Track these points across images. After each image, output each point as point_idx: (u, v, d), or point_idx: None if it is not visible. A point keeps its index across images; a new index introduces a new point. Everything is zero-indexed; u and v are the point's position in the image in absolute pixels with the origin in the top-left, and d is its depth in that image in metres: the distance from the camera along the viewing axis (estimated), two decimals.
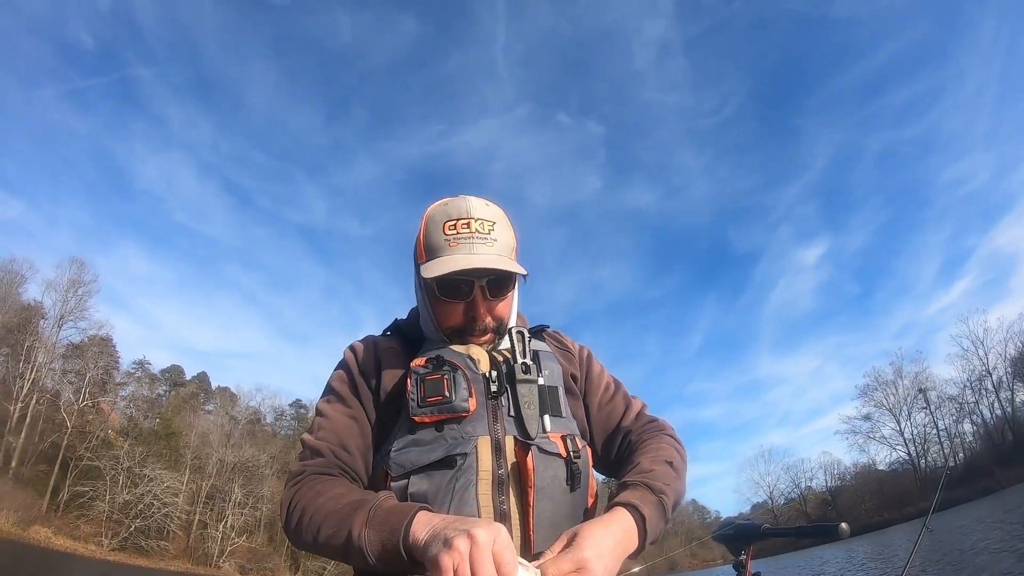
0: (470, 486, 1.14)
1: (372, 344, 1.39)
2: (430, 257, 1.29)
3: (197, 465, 48.73)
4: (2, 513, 33.45)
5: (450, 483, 1.14)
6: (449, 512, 1.10)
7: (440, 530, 0.90)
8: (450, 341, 1.33)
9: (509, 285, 1.34)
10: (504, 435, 1.20)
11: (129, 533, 40.74)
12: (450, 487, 1.14)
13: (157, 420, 51.92)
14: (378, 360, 1.34)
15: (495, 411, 1.22)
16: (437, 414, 1.18)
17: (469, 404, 1.19)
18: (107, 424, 47.16)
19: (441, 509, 1.10)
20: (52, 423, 42.77)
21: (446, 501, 1.13)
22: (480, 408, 1.21)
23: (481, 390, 1.23)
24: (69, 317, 46.85)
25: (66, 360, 46.98)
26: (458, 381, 1.20)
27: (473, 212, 1.32)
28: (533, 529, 1.16)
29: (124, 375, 53.71)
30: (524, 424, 1.22)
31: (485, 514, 1.13)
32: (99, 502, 40.50)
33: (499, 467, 1.18)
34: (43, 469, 40.73)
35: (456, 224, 1.29)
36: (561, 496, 1.22)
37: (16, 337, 42.55)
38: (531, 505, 1.16)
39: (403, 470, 1.17)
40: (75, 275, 47.12)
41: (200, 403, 60.77)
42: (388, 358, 1.34)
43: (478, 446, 1.18)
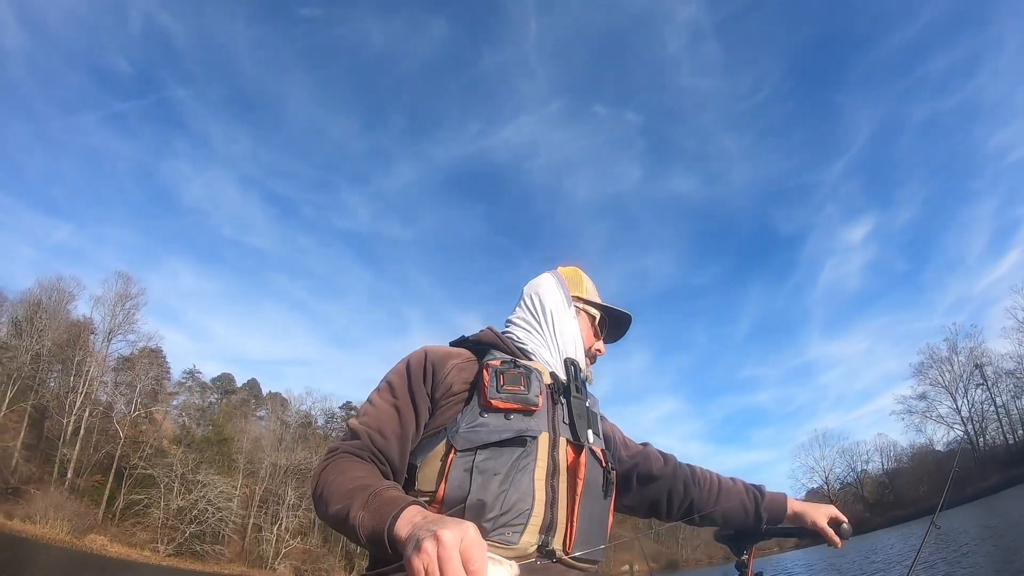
0: (529, 469, 1.30)
1: (443, 349, 1.52)
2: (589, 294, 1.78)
3: (250, 470, 48.92)
4: (57, 522, 33.87)
5: (515, 461, 1.29)
6: (508, 489, 1.26)
7: (416, 530, 0.95)
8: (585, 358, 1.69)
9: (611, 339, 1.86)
10: (559, 435, 1.39)
11: (184, 538, 40.95)
12: (515, 465, 1.29)
13: (209, 427, 52.57)
14: (448, 365, 1.46)
15: (554, 413, 1.42)
16: (512, 402, 1.35)
17: (539, 400, 1.37)
18: (160, 433, 47.90)
19: (503, 485, 1.26)
20: (106, 434, 43.62)
21: (509, 477, 1.28)
22: (544, 407, 1.39)
23: (547, 394, 1.42)
24: (118, 331, 47.92)
25: (117, 373, 48.00)
26: (533, 380, 1.39)
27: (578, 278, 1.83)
28: (577, 518, 1.32)
29: (175, 385, 54.70)
30: (576, 430, 1.43)
31: (539, 496, 1.30)
32: (154, 509, 40.94)
33: (555, 461, 1.36)
34: (99, 479, 41.48)
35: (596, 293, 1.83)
36: (598, 499, 1.42)
37: (67, 353, 43.60)
38: (579, 495, 1.34)
39: (471, 444, 1.29)
40: (122, 289, 48.18)
41: (251, 409, 61.38)
42: (458, 361, 1.47)
43: (540, 438, 1.35)
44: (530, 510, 1.28)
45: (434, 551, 0.84)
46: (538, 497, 1.29)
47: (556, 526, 1.31)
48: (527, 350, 1.55)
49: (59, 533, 33.41)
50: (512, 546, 1.24)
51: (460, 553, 0.84)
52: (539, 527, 1.28)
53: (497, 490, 1.26)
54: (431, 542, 0.85)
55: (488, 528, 1.22)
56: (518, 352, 1.53)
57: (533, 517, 1.28)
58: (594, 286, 1.84)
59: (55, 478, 38.64)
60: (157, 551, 39.31)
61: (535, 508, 1.29)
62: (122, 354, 48.68)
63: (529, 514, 1.27)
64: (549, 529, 1.30)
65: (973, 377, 55.30)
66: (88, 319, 47.26)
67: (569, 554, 1.32)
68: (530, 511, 1.28)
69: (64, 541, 33.25)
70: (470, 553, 0.84)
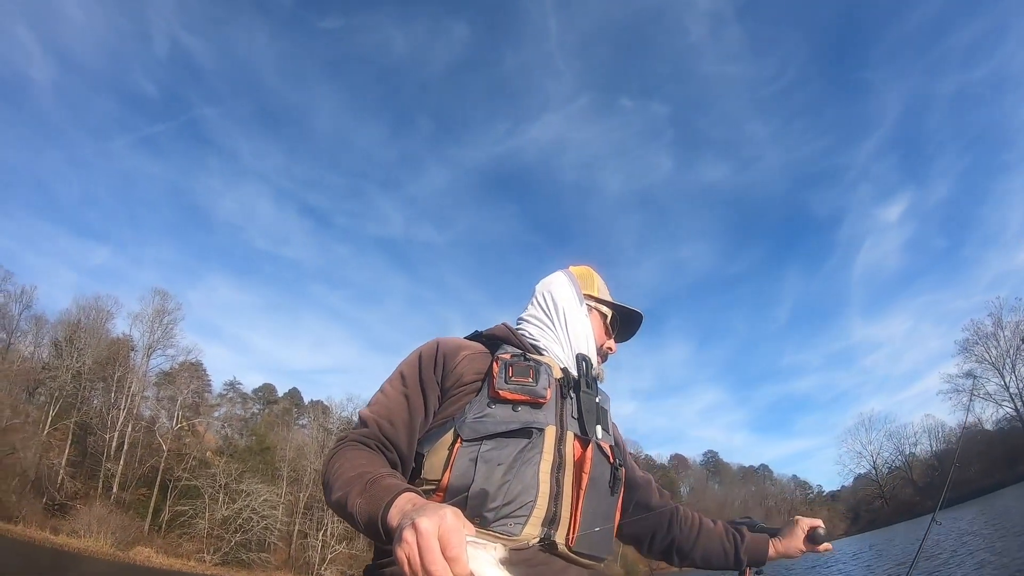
0: (534, 461, 1.31)
1: (456, 340, 1.55)
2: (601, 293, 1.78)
3: (294, 477, 48.64)
4: (101, 536, 34.02)
5: (520, 453, 1.31)
6: (511, 480, 1.27)
7: (403, 518, 0.96)
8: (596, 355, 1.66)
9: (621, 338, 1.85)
10: (567, 430, 1.40)
11: (230, 547, 40.71)
12: (520, 456, 1.30)
13: (252, 437, 52.69)
14: (459, 356, 1.48)
15: (563, 407, 1.43)
16: (520, 393, 1.36)
17: (547, 393, 1.38)
18: (203, 445, 48.19)
19: (507, 475, 1.27)
20: (149, 448, 43.98)
21: (513, 468, 1.28)
22: (552, 401, 1.40)
23: (556, 388, 1.43)
24: (157, 346, 48.45)
25: (159, 387, 48.55)
26: (541, 373, 1.41)
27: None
28: (581, 513, 1.33)
29: (217, 397, 55.18)
30: (584, 425, 1.43)
31: (543, 488, 1.30)
32: (199, 519, 40.87)
33: (560, 454, 1.36)
34: (144, 492, 41.75)
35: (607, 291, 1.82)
36: (604, 494, 1.42)
37: (108, 370, 44.24)
38: (583, 489, 1.35)
39: (477, 434, 1.31)
40: (159, 305, 48.67)
41: (293, 418, 61.53)
42: (469, 353, 1.50)
43: (546, 431, 1.36)
44: (533, 502, 1.29)
45: (413, 540, 0.85)
46: (542, 489, 1.30)
47: (559, 519, 1.31)
48: (539, 346, 1.55)
49: (103, 546, 33.49)
50: (514, 537, 1.25)
51: (439, 540, 0.84)
52: (542, 519, 1.29)
53: (500, 480, 1.27)
54: (410, 531, 0.86)
55: (490, 518, 1.24)
56: (530, 347, 1.53)
57: (536, 509, 1.29)
58: (605, 285, 1.83)
59: (100, 493, 39.04)
60: (203, 560, 39.16)
61: (538, 500, 1.30)
62: (162, 369, 49.31)
63: (532, 506, 1.28)
64: (552, 522, 1.30)
65: (1020, 352, 53.74)
66: (127, 336, 48.05)
67: (572, 548, 1.32)
68: (533, 503, 1.29)
69: (108, 554, 33.29)
70: (447, 539, 0.84)
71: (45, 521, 34.30)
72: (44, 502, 35.98)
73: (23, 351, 42.07)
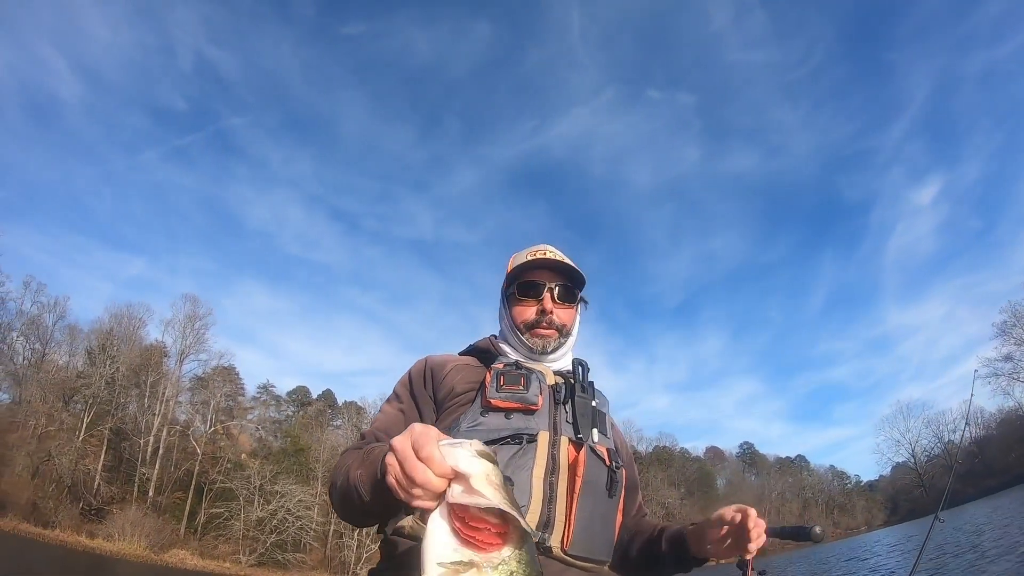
0: (527, 467, 1.33)
1: (443, 356, 1.63)
2: (511, 271, 1.69)
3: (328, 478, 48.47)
4: (134, 539, 34.11)
5: (512, 459, 1.32)
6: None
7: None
8: (522, 336, 1.62)
9: (574, 297, 1.67)
10: (561, 434, 1.42)
11: (266, 548, 40.57)
12: (512, 462, 1.32)
13: (286, 439, 52.73)
14: (447, 368, 1.55)
15: (557, 412, 1.45)
16: (511, 401, 1.40)
17: (539, 400, 1.42)
18: (237, 447, 48.36)
19: None
20: (184, 452, 44.29)
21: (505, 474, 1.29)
22: (545, 407, 1.43)
23: (548, 394, 1.47)
24: (190, 351, 48.88)
25: (193, 392, 48.98)
26: (532, 380, 1.45)
27: (549, 248, 1.72)
28: (575, 517, 1.33)
29: (250, 400, 55.46)
30: (579, 429, 1.45)
31: (536, 494, 1.31)
32: (234, 521, 40.88)
33: (553, 459, 1.37)
34: (179, 496, 42.04)
35: (535, 252, 1.69)
36: (600, 497, 1.42)
37: (141, 377, 44.73)
38: (576, 494, 1.34)
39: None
40: (190, 311, 49.15)
41: (328, 419, 61.47)
42: (460, 366, 1.56)
43: (539, 436, 1.38)
44: (526, 506, 1.29)
45: (394, 460, 0.91)
46: (535, 494, 1.31)
47: (553, 523, 1.32)
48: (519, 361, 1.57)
49: (137, 549, 33.55)
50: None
51: (412, 449, 0.89)
52: (536, 524, 1.29)
53: None
54: (390, 456, 0.93)
55: None
56: (525, 330, 1.61)
57: (529, 514, 1.29)
58: (525, 255, 1.72)
59: (135, 497, 39.36)
60: (239, 562, 39.09)
61: (532, 505, 1.30)
62: (196, 374, 49.71)
63: (525, 510, 1.28)
64: (547, 526, 1.31)
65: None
66: (160, 342, 48.59)
67: (567, 552, 1.32)
68: (526, 507, 1.29)
69: (142, 556, 33.34)
70: (419, 444, 0.88)
71: (81, 526, 34.62)
72: (81, 507, 36.37)
73: (58, 360, 42.75)
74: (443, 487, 0.88)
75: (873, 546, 26.32)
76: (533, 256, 1.67)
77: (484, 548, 0.87)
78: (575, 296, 1.68)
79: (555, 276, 1.65)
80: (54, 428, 37.38)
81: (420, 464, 0.87)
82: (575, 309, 1.69)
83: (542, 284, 1.63)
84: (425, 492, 0.88)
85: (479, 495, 0.86)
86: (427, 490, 0.88)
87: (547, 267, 1.65)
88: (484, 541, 0.87)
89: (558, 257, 1.66)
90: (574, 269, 1.65)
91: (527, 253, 1.70)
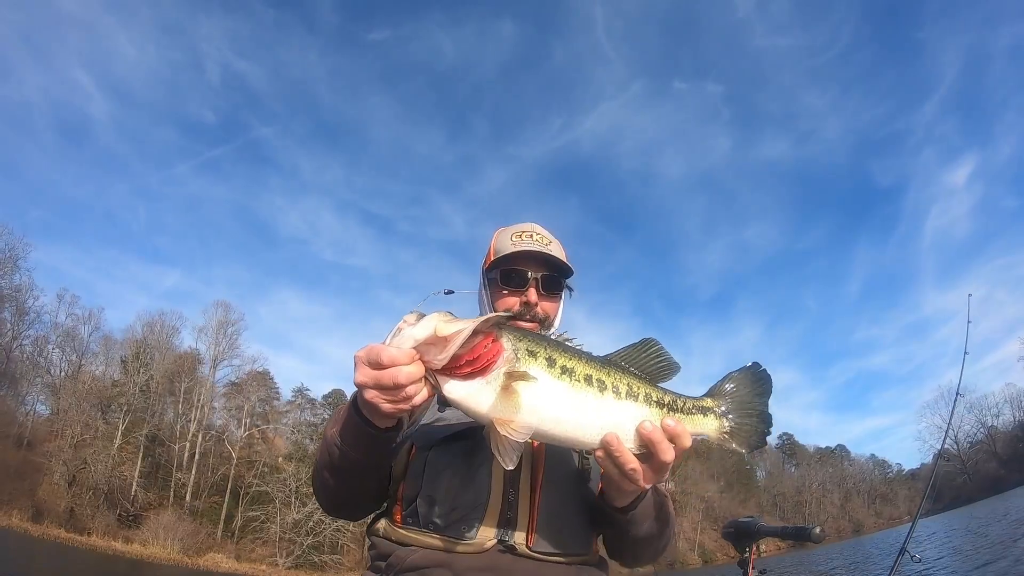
0: (485, 463, 1.27)
1: None
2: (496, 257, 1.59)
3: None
4: (167, 542, 34.11)
5: (465, 456, 1.29)
6: (459, 483, 1.26)
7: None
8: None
9: (560, 288, 1.60)
10: None
11: (303, 551, 40.19)
12: (465, 460, 1.28)
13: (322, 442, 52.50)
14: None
15: None
16: None
17: None
18: (273, 451, 48.32)
19: (453, 480, 1.27)
20: (220, 457, 44.40)
21: (458, 472, 1.27)
22: None
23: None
24: (223, 357, 49.11)
25: (227, 398, 49.19)
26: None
27: (536, 229, 1.65)
28: (538, 512, 1.27)
29: (285, 404, 55.47)
30: None
31: (496, 490, 1.27)
32: (271, 524, 40.65)
33: None
34: (216, 500, 42.08)
35: (521, 234, 1.61)
36: (570, 486, 1.35)
37: (176, 384, 45.10)
38: (539, 487, 1.29)
39: (427, 440, 1.33)
40: (222, 317, 49.44)
41: None
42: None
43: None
44: (484, 503, 1.26)
45: (367, 383, 0.97)
46: (494, 489, 1.27)
47: (516, 520, 1.27)
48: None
49: (170, 553, 33.54)
50: (469, 540, 1.23)
51: (372, 365, 0.95)
52: (496, 522, 1.25)
53: (447, 484, 1.27)
54: (362, 386, 1.00)
55: (441, 524, 1.25)
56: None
57: (488, 511, 1.25)
58: (510, 239, 1.64)
59: (172, 502, 39.53)
60: (276, 565, 38.79)
61: (490, 501, 1.26)
62: (231, 380, 49.94)
63: (484, 507, 1.25)
64: (509, 523, 1.26)
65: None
66: (194, 349, 49.00)
67: (532, 549, 1.27)
68: (484, 504, 1.25)
69: (175, 560, 33.31)
70: (373, 357, 0.96)
71: (117, 531, 34.84)
72: (118, 513, 36.66)
73: (94, 371, 43.45)
74: (422, 370, 0.94)
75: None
76: (519, 239, 1.60)
77: (493, 361, 0.94)
78: (561, 286, 1.61)
79: (541, 265, 1.57)
80: (89, 436, 37.83)
81: (389, 369, 0.92)
82: (559, 299, 1.62)
83: (527, 274, 1.56)
84: (411, 386, 0.94)
85: (450, 338, 0.90)
86: (412, 383, 0.94)
87: (533, 258, 1.56)
88: (490, 359, 0.94)
89: (543, 249, 1.56)
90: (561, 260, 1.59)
91: (512, 235, 1.63)
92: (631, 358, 1.19)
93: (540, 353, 1.06)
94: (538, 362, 1.05)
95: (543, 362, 1.05)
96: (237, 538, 40.05)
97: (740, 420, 1.25)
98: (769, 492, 70.85)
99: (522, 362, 1.02)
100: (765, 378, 1.29)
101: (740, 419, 1.25)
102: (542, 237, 1.63)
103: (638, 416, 1.12)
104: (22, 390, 40.81)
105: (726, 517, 55.91)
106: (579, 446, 1.16)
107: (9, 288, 40.72)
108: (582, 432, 1.07)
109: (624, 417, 1.11)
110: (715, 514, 57.92)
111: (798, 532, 2.04)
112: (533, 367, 1.03)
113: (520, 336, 1.06)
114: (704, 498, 60.07)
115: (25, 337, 41.81)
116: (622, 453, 1.10)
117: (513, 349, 1.02)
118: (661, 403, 1.15)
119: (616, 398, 1.11)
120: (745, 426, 1.25)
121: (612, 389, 1.11)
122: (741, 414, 1.26)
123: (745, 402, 1.26)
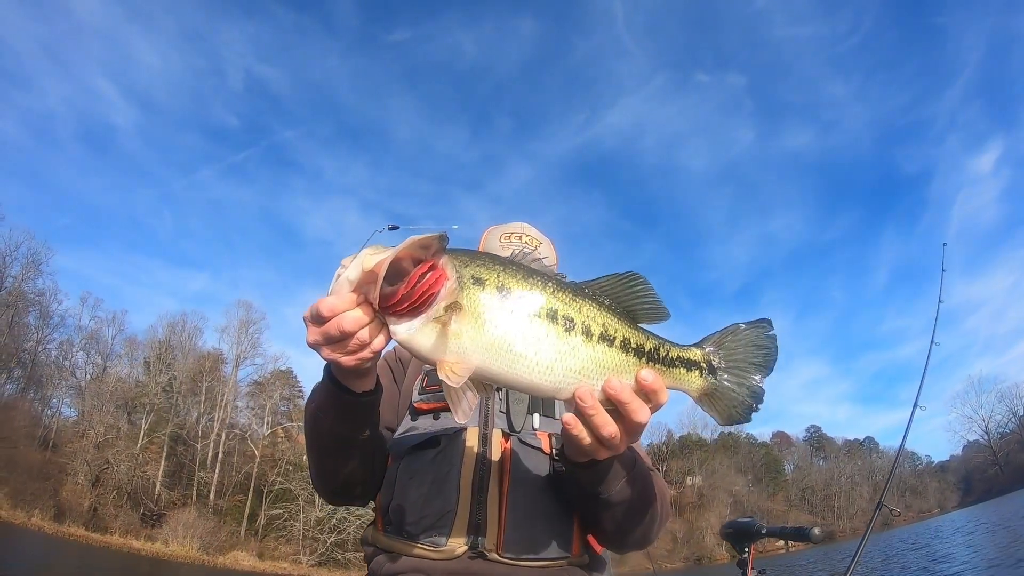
0: (453, 470, 1.27)
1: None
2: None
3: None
4: (187, 540, 34.07)
5: (432, 464, 1.28)
6: (427, 491, 1.26)
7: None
8: None
9: None
10: (492, 428, 1.34)
11: (326, 548, 39.88)
12: (432, 468, 1.28)
13: None
14: (409, 366, 1.57)
15: (487, 405, 1.37)
16: (434, 401, 1.37)
17: None
18: (296, 449, 48.26)
19: (421, 488, 1.26)
20: (243, 455, 44.43)
21: (426, 480, 1.27)
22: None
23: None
24: (245, 356, 49.18)
25: (250, 397, 49.31)
26: None
27: (526, 230, 1.67)
28: (506, 517, 1.25)
29: None
30: (511, 418, 1.36)
31: (464, 496, 1.25)
32: (294, 522, 40.50)
33: (484, 456, 1.30)
34: (239, 499, 42.05)
35: (510, 235, 1.64)
36: (540, 490, 1.30)
37: (198, 384, 45.32)
38: (506, 494, 1.27)
39: (400, 449, 1.35)
40: (244, 316, 49.53)
41: None
42: (418, 364, 1.54)
43: (466, 434, 1.32)
44: (453, 510, 1.25)
45: (318, 340, 0.90)
46: (462, 496, 1.26)
47: (485, 526, 1.25)
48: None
49: (189, 551, 33.45)
50: (440, 548, 1.22)
51: (311, 315, 0.89)
52: (465, 528, 1.24)
53: (416, 493, 1.27)
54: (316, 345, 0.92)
55: (413, 532, 1.25)
56: None
57: (458, 518, 1.24)
58: (498, 240, 1.68)
59: (195, 501, 39.59)
60: (299, 562, 38.55)
61: (459, 508, 1.25)
62: (253, 379, 50.02)
63: (453, 515, 1.24)
64: (478, 529, 1.24)
65: None
66: (217, 350, 49.19)
67: (503, 554, 1.24)
68: (453, 511, 1.25)
69: (195, 558, 33.20)
70: (316, 312, 0.89)
71: (140, 530, 34.95)
72: (142, 512, 36.83)
73: (119, 372, 43.86)
74: (369, 313, 0.86)
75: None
76: (508, 240, 1.60)
77: (435, 292, 0.84)
78: None
79: None
80: (112, 437, 38.10)
81: (333, 320, 0.86)
82: None
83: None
84: (361, 331, 0.87)
85: (376, 269, 0.82)
86: (361, 327, 0.87)
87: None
88: (430, 290, 0.83)
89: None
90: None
91: (501, 235, 1.63)
92: (611, 290, 0.97)
93: (489, 280, 0.88)
94: (486, 290, 0.88)
95: (492, 290, 0.88)
96: (260, 536, 39.91)
97: (729, 386, 1.02)
98: (797, 486, 68.37)
99: (466, 291, 0.86)
100: (771, 346, 1.05)
101: (729, 384, 1.02)
102: (532, 239, 1.65)
103: (610, 364, 0.92)
104: (47, 393, 41.41)
105: (754, 512, 54.11)
106: (538, 394, 0.94)
107: (33, 292, 41.32)
108: (540, 377, 0.88)
109: (592, 364, 0.91)
110: (743, 509, 55.79)
111: (797, 533, 2.02)
112: (479, 297, 0.87)
113: (467, 260, 0.89)
114: (732, 492, 58.19)
115: (50, 341, 42.49)
116: (597, 412, 0.92)
117: (456, 276, 0.87)
118: (641, 350, 0.94)
119: (586, 341, 0.91)
120: (732, 395, 1.01)
121: (582, 329, 0.91)
122: (732, 379, 1.02)
123: (741, 367, 1.03)
